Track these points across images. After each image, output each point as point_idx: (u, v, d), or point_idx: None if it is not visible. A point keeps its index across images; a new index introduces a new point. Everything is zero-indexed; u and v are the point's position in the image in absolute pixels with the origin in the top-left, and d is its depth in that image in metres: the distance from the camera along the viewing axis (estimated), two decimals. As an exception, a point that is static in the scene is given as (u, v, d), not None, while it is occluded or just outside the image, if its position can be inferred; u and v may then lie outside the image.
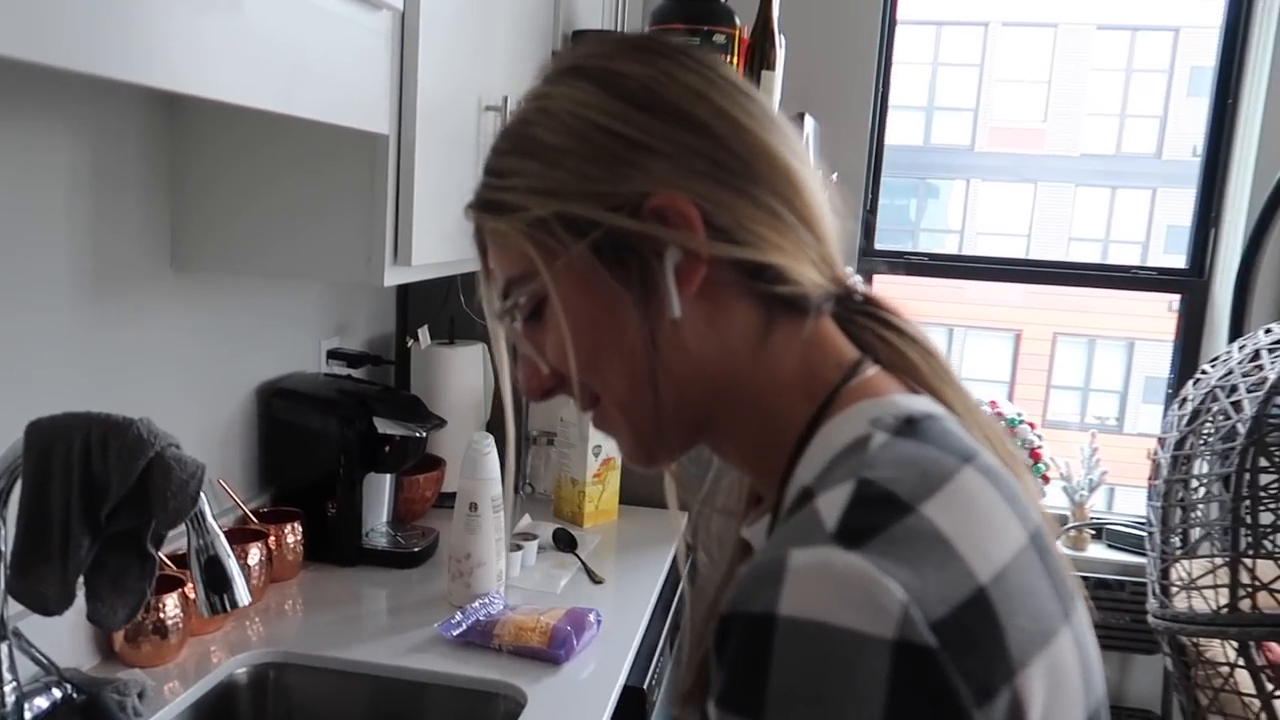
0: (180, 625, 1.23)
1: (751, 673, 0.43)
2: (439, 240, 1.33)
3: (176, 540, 1.23)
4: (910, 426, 0.52)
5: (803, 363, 0.57)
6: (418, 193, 1.26)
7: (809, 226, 0.57)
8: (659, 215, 0.54)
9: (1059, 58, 9.40)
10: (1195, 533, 1.99)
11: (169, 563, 1.26)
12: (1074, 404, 9.49)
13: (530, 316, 0.59)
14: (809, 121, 1.84)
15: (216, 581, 0.94)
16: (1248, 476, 1.82)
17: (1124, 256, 9.25)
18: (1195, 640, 1.93)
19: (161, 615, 1.21)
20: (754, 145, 0.56)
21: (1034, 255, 9.32)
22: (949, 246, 9.87)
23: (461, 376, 1.85)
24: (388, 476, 1.63)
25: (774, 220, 0.55)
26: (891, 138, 2.59)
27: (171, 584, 1.24)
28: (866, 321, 0.60)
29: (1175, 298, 2.59)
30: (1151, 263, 2.52)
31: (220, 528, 1.39)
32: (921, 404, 0.55)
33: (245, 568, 1.37)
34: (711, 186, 0.54)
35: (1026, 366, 9.45)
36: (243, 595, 0.95)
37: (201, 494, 0.93)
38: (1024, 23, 9.38)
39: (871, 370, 0.57)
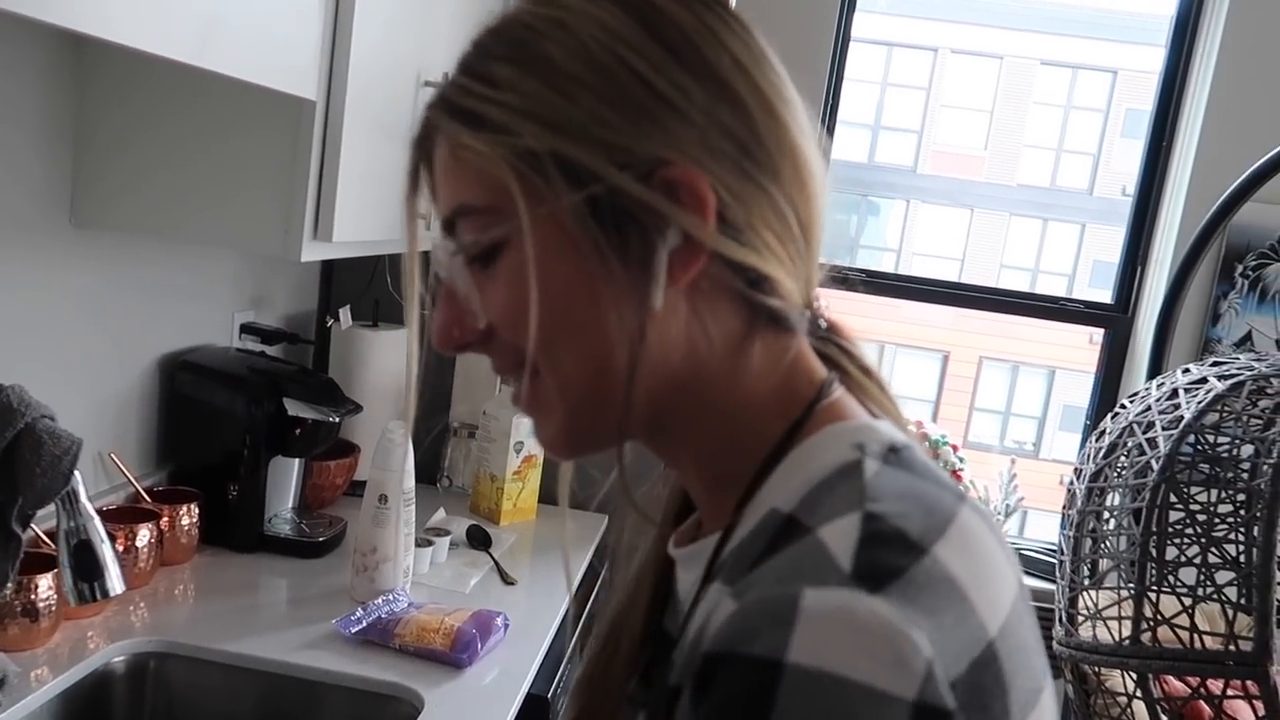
0: (53, 608, 1.14)
1: None
2: (363, 217, 1.26)
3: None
4: (896, 455, 0.49)
5: (779, 379, 0.52)
6: (343, 165, 1.19)
7: (808, 240, 0.52)
8: (670, 189, 0.47)
9: (1003, 89, 9.60)
10: (1104, 564, 2.01)
11: (46, 540, 1.17)
12: (995, 427, 9.70)
13: (481, 257, 0.50)
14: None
15: (86, 568, 0.86)
16: (1158, 513, 1.85)
17: (1051, 286, 9.49)
18: (1097, 669, 1.95)
19: (33, 596, 1.12)
20: (782, 139, 0.50)
21: (967, 279, 9.50)
22: (886, 264, 10.01)
23: (383, 361, 1.78)
24: (296, 461, 1.55)
25: (783, 227, 0.50)
26: (838, 153, 2.58)
27: (47, 563, 1.15)
28: (829, 348, 0.56)
29: (1097, 331, 2.63)
30: (1077, 295, 2.55)
31: (106, 506, 1.31)
32: (896, 431, 0.52)
33: (133, 549, 1.29)
34: (734, 175, 0.48)
35: (952, 388, 9.63)
36: (115, 584, 0.88)
37: (76, 472, 0.85)
38: (972, 51, 9.55)
39: (839, 390, 0.53)
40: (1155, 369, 2.35)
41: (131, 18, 0.79)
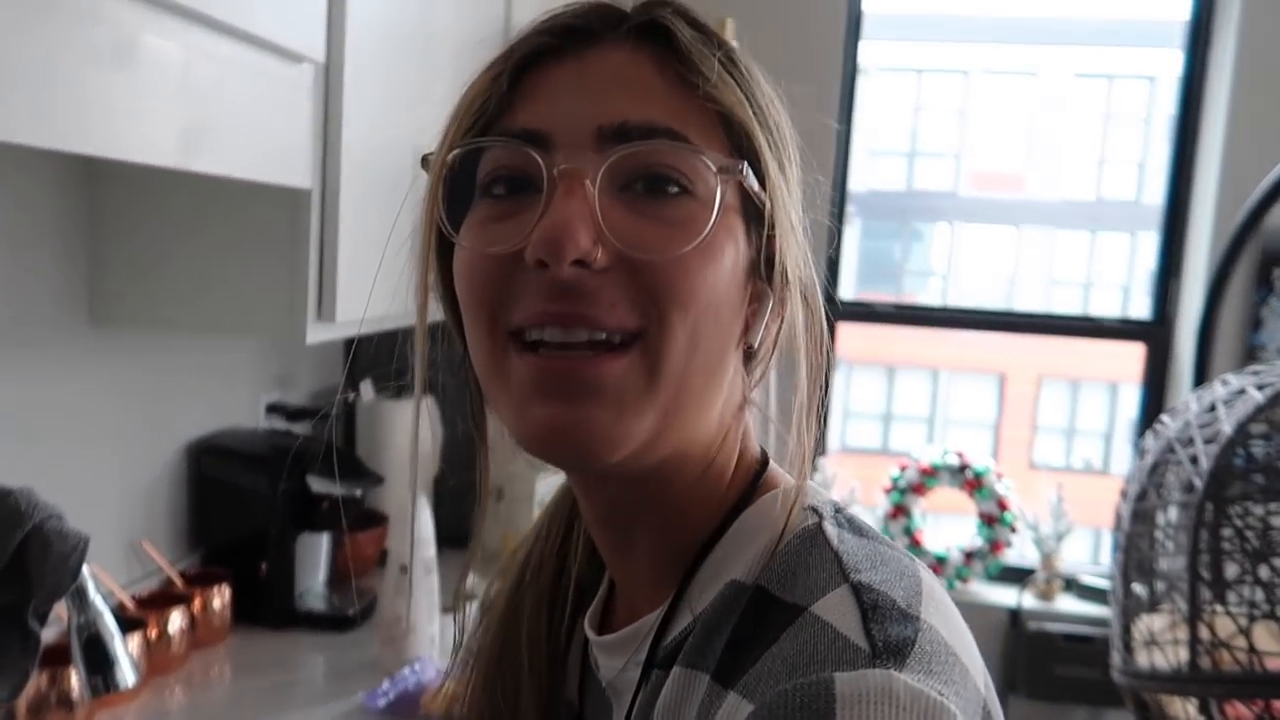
0: (87, 697, 1.17)
1: None
2: (366, 295, 1.29)
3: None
4: (842, 515, 0.50)
5: (735, 446, 0.52)
6: (343, 246, 1.23)
7: None
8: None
9: (1038, 104, 9.50)
10: (1157, 586, 1.94)
11: (79, 630, 1.21)
12: (1060, 447, 9.47)
13: (668, 188, 0.45)
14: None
15: (97, 662, 0.89)
16: (1205, 532, 1.79)
17: (1106, 299, 9.28)
18: (1158, 697, 1.88)
19: (67, 687, 1.16)
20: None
21: (1017, 298, 9.35)
22: (933, 289, 9.90)
23: (406, 431, 1.81)
24: (324, 536, 1.58)
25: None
26: (874, 183, 2.59)
27: (79, 653, 1.19)
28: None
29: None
30: (1135, 305, 2.51)
31: (139, 593, 1.35)
32: (820, 489, 0.52)
33: (165, 635, 1.32)
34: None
35: (1011, 409, 9.44)
36: (126, 677, 0.90)
37: (85, 568, 0.88)
38: (1004, 70, 9.49)
39: (771, 460, 0.54)
40: (1199, 381, 2.29)
41: (117, 132, 0.83)
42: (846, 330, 2.54)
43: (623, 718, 0.51)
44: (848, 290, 2.87)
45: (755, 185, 0.47)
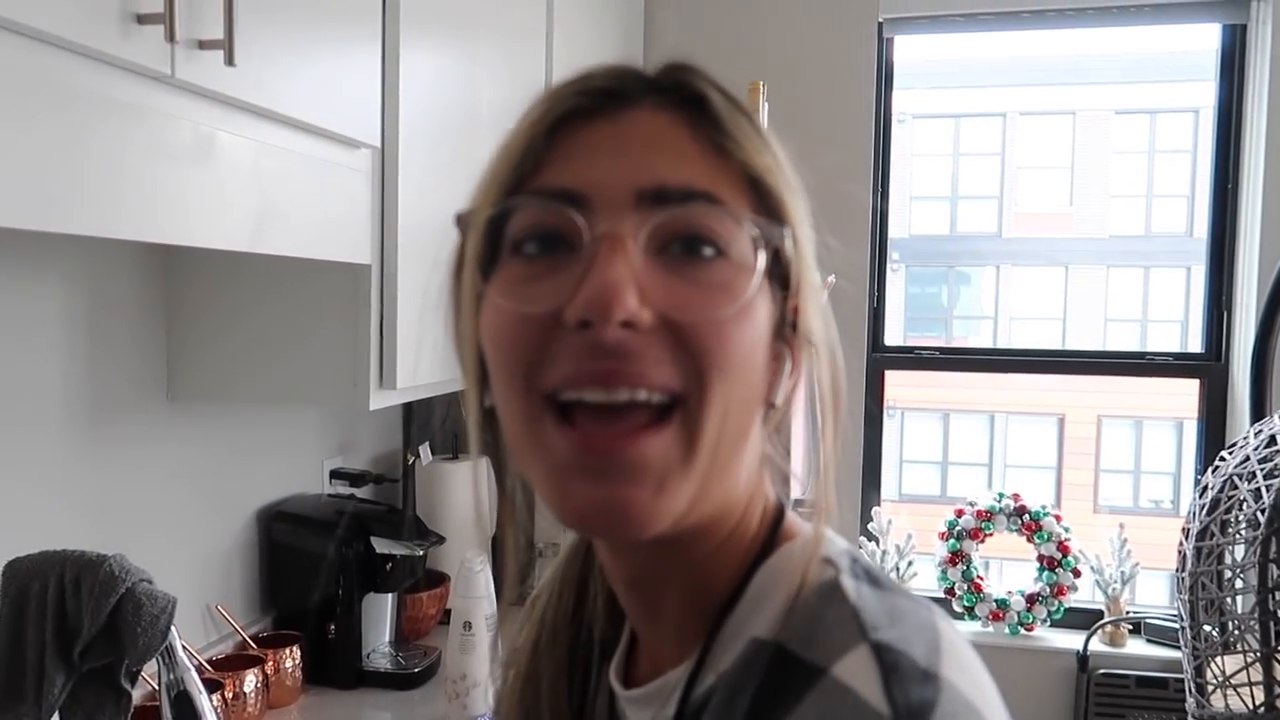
0: (171, 757, 1.22)
1: None
2: (424, 362, 1.36)
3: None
4: (859, 565, 0.49)
5: (760, 495, 0.52)
6: (401, 317, 1.30)
7: None
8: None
9: (1080, 143, 9.47)
10: (1229, 626, 1.91)
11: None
12: (1127, 488, 9.24)
13: (705, 250, 0.46)
14: (799, 226, 1.87)
15: (185, 717, 0.94)
16: (1274, 567, 1.76)
17: (1163, 335, 9.11)
18: (1237, 741, 1.83)
19: (152, 748, 1.21)
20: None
21: (1070, 338, 9.22)
22: (984, 332, 9.80)
23: (464, 491, 1.86)
24: (389, 596, 1.63)
25: None
26: (917, 228, 2.62)
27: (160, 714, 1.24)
28: (773, 448, 0.55)
29: (1198, 380, 2.54)
30: (1192, 339, 2.49)
31: (215, 656, 1.40)
32: (836, 536, 0.52)
33: (241, 694, 1.37)
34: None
35: (1073, 450, 9.24)
36: (212, 730, 0.95)
37: (172, 628, 0.94)
38: (1042, 111, 9.49)
39: (786, 507, 0.53)
40: (1258, 413, 2.26)
41: (193, 222, 0.91)
42: (897, 377, 2.55)
43: None
44: (895, 337, 2.88)
45: (789, 248, 0.48)
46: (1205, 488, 1.98)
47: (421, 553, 1.56)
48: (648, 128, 0.47)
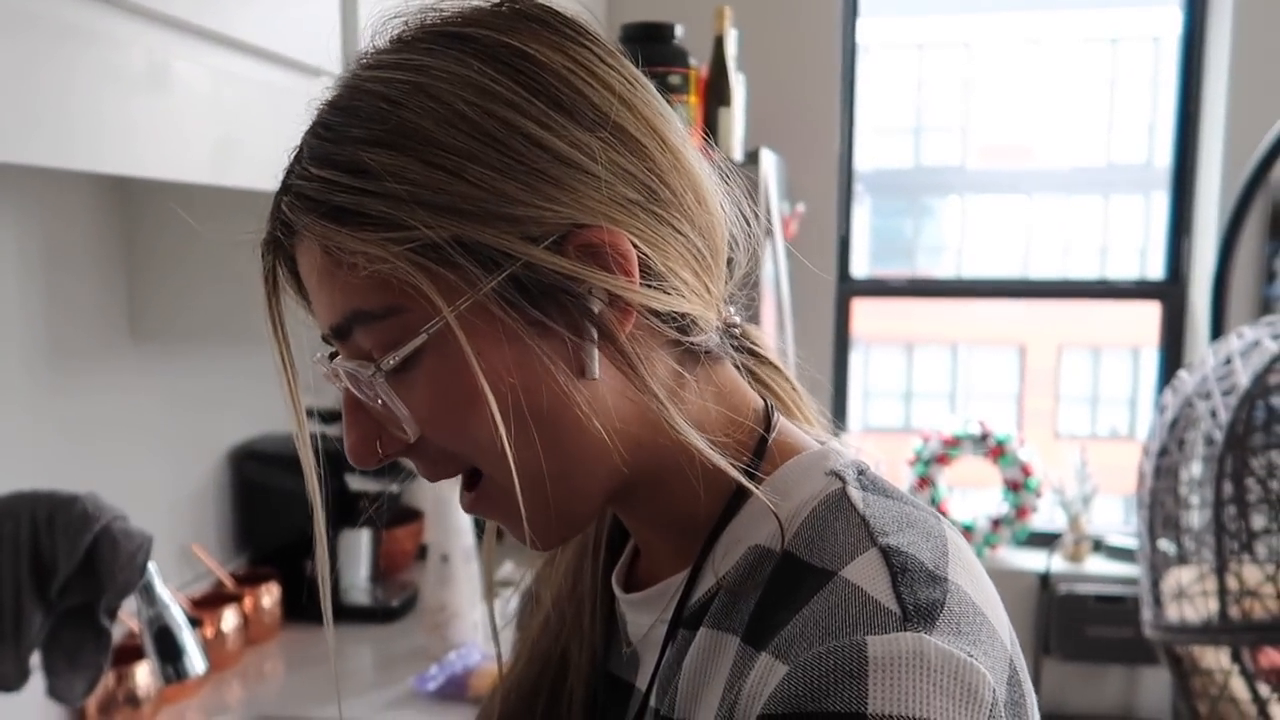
0: (152, 694, 1.23)
1: None
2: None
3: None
4: (866, 477, 0.49)
5: (722, 414, 0.50)
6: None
7: (716, 260, 0.50)
8: (590, 253, 0.44)
9: (1043, 73, 9.46)
10: (1184, 541, 1.97)
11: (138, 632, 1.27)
12: (1085, 415, 9.45)
13: (398, 367, 0.45)
14: (767, 156, 1.86)
15: (169, 651, 0.94)
16: (1228, 483, 1.81)
17: (1123, 264, 9.24)
18: (1190, 650, 1.90)
19: (133, 685, 1.21)
20: (681, 168, 0.48)
21: (1031, 268, 9.33)
22: (947, 264, 9.88)
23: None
24: (364, 532, 1.63)
25: (700, 263, 0.49)
26: (881, 160, 2.61)
27: (141, 653, 1.24)
28: (746, 358, 0.55)
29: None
30: (1151, 267, 2.52)
31: (193, 595, 1.40)
32: (845, 449, 0.52)
33: (220, 632, 1.38)
34: (648, 223, 0.46)
35: (1033, 380, 9.42)
36: (196, 664, 0.96)
37: (150, 565, 0.94)
38: (1006, 40, 9.46)
39: (779, 418, 0.53)
40: (1216, 336, 2.31)
41: (155, 153, 0.88)
42: (862, 308, 2.57)
43: (649, 674, 0.51)
44: (861, 269, 2.90)
45: (464, 268, 0.44)
46: (1164, 407, 2.03)
47: (396, 488, 1.56)
48: (305, 269, 0.48)
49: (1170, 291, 2.48)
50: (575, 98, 0.45)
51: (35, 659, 0.94)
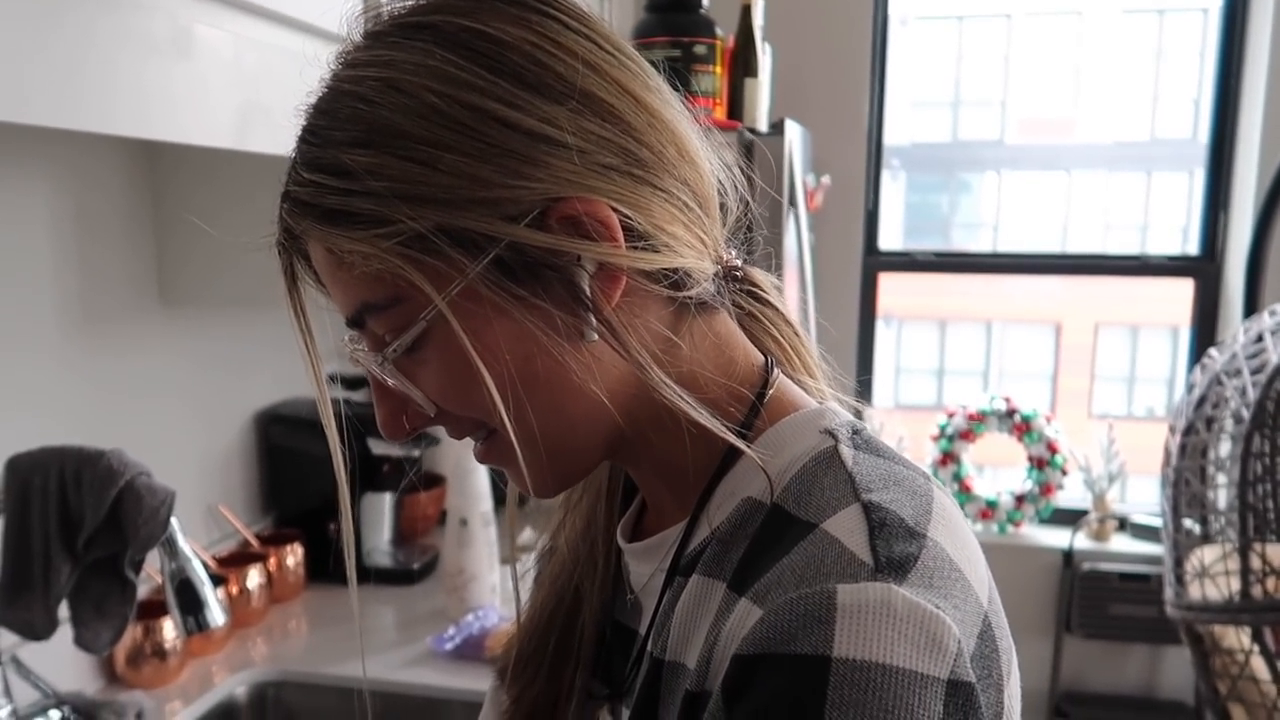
0: (179, 647, 1.27)
1: None
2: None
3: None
4: (860, 437, 0.50)
5: (715, 370, 0.52)
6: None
7: (707, 210, 0.51)
8: (572, 224, 0.46)
9: (1086, 45, 9.27)
10: (1209, 520, 1.95)
11: (168, 587, 1.31)
12: (1121, 394, 9.32)
13: (407, 350, 0.49)
14: (791, 126, 1.85)
15: (190, 603, 0.98)
16: (1255, 462, 1.79)
17: (1164, 241, 9.08)
18: (1211, 629, 1.89)
19: (160, 638, 1.25)
20: (658, 125, 0.48)
21: (1070, 245, 9.19)
22: (983, 239, 9.75)
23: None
24: (386, 496, 1.66)
25: (686, 215, 0.49)
26: (918, 135, 2.58)
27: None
28: (749, 302, 0.56)
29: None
30: (1192, 244, 2.48)
31: (219, 554, 1.44)
32: (843, 410, 0.53)
33: (246, 590, 1.41)
34: (627, 185, 0.47)
35: (1069, 358, 9.30)
36: (216, 616, 0.99)
37: (172, 519, 0.97)
38: (1048, 11, 9.27)
39: (778, 374, 0.54)
40: (1250, 311, 2.27)
41: (180, 118, 0.90)
42: (894, 286, 2.55)
43: (649, 620, 0.53)
44: (893, 245, 2.87)
45: (450, 256, 0.46)
46: (1193, 385, 2.01)
47: (417, 453, 1.59)
48: (318, 265, 0.52)
49: (1205, 268, 2.44)
50: (540, 71, 0.46)
51: (63, 610, 0.98)
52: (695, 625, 0.48)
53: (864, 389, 2.62)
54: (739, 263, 0.56)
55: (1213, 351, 2.00)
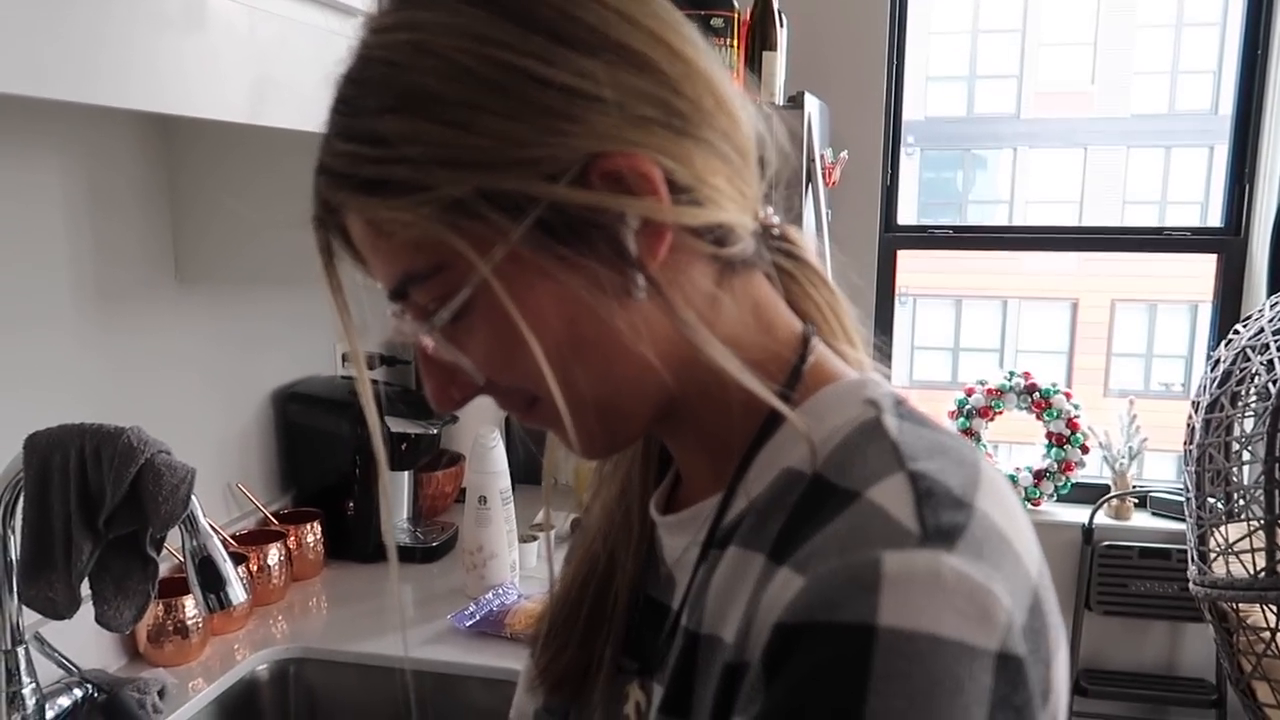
0: (200, 625, 1.27)
1: (841, 691, 0.38)
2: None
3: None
4: (903, 407, 0.49)
5: (756, 333, 0.51)
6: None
7: (745, 160, 0.50)
8: (613, 180, 0.44)
9: (1104, 17, 9.15)
10: (1234, 496, 1.93)
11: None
12: (1138, 371, 9.27)
13: (452, 320, 0.48)
14: (810, 100, 1.83)
15: (211, 581, 0.97)
16: (1281, 437, 1.77)
17: (1184, 217, 8.99)
18: (1236, 606, 1.88)
19: (182, 616, 1.26)
20: (695, 76, 0.47)
21: (1086, 221, 9.10)
22: (999, 217, 9.68)
23: (477, 373, 1.88)
24: (405, 474, 1.66)
25: (728, 168, 0.48)
26: (932, 109, 2.56)
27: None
28: (786, 261, 0.55)
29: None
30: (1212, 216, 2.45)
31: (238, 532, 1.44)
32: (885, 381, 0.52)
33: (266, 568, 1.41)
34: (667, 138, 0.45)
35: (1085, 335, 9.25)
36: (237, 593, 0.99)
37: (193, 497, 0.96)
38: (1065, -17, 9.16)
39: (819, 344, 0.53)
40: (1274, 288, 2.23)
41: (191, 92, 0.89)
42: (909, 263, 2.53)
43: (682, 595, 0.52)
44: (908, 221, 2.84)
45: (491, 219, 0.45)
46: (1217, 361, 1.98)
47: (435, 431, 1.59)
48: (356, 237, 0.50)
49: (1229, 242, 2.40)
50: (571, 24, 0.45)
51: (85, 588, 0.97)
52: (732, 597, 0.47)
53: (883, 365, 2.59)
54: (776, 220, 0.54)
55: (1239, 327, 1.98)
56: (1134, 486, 2.47)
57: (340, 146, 0.47)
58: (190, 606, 1.26)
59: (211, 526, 1.01)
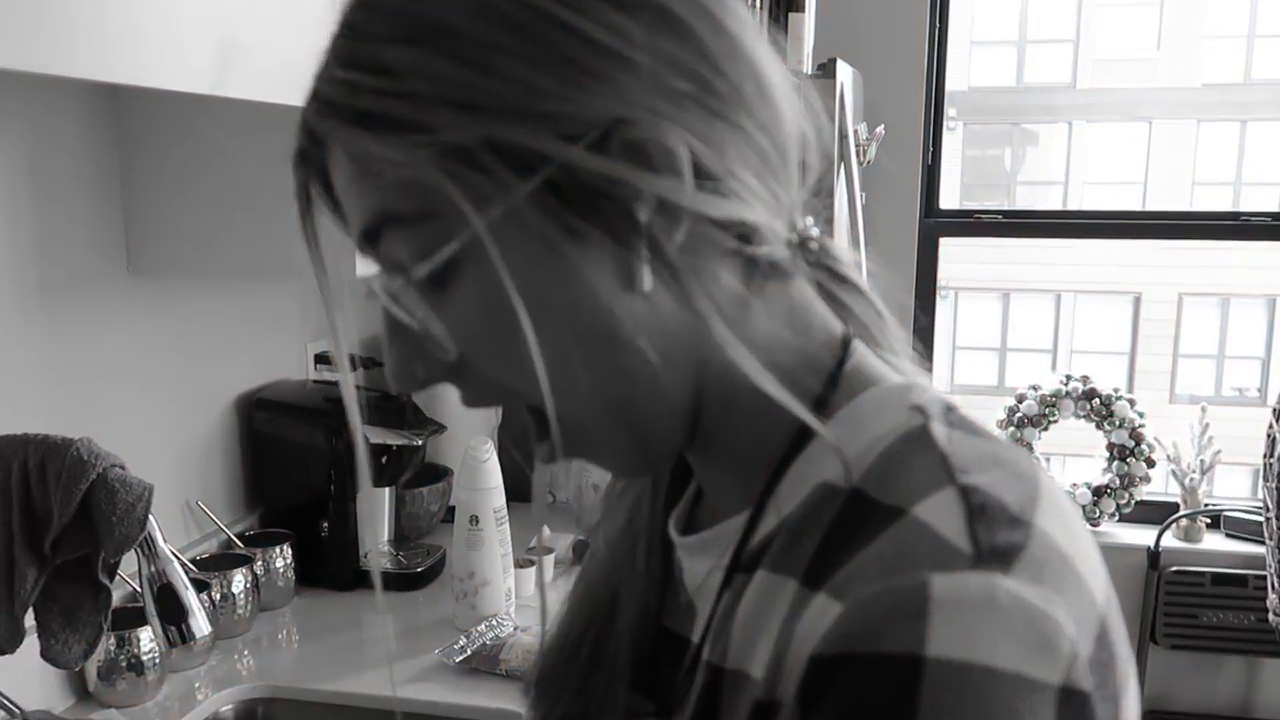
0: (157, 661, 1.28)
1: None
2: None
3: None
4: (954, 414, 0.49)
5: (793, 339, 0.50)
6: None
7: (784, 160, 0.49)
8: (635, 152, 0.44)
9: (1170, -26, 9.14)
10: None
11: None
12: (1209, 374, 9.25)
13: (432, 278, 0.46)
14: (843, 69, 1.83)
15: (171, 612, 0.97)
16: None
17: (1260, 200, 8.96)
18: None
19: (137, 650, 1.26)
20: (738, 56, 0.47)
21: (1150, 205, 9.09)
22: (1052, 200, 9.67)
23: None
24: (385, 491, 1.66)
25: (760, 161, 0.48)
26: (977, 78, 2.56)
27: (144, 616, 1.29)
28: (823, 275, 0.55)
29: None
30: None
31: (199, 555, 1.44)
32: (930, 384, 0.52)
33: (230, 596, 1.42)
34: (700, 117, 0.45)
35: (1150, 333, 9.23)
36: (200, 625, 0.99)
37: (150, 517, 0.96)
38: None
39: (859, 348, 0.53)
40: (1366, 281, 2.24)
41: (147, 60, 0.89)
42: (952, 250, 2.53)
43: (704, 625, 0.52)
44: (951, 204, 2.84)
45: (495, 172, 0.44)
46: (1302, 364, 1.98)
47: (420, 442, 1.59)
48: (338, 184, 0.49)
49: (1314, 229, 2.40)
50: None
51: (29, 619, 0.98)
52: (761, 627, 0.47)
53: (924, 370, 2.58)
54: (815, 233, 0.54)
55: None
56: (1205, 505, 2.46)
57: (338, 73, 0.46)
58: (147, 640, 1.26)
59: (171, 551, 1.01)
